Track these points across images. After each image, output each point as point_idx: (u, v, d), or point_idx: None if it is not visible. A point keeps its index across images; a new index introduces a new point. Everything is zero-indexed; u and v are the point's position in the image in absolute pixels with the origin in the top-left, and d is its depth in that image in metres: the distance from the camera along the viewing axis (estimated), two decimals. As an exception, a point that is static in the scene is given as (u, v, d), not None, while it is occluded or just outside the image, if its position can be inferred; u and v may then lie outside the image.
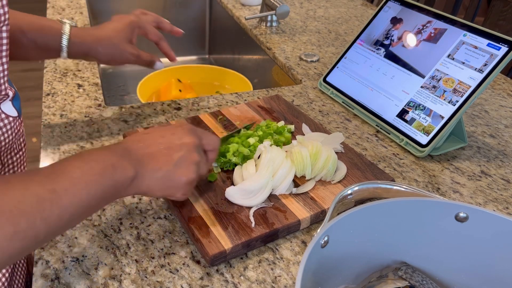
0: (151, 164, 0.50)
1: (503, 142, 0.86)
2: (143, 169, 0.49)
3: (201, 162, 0.54)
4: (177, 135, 0.53)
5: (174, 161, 0.51)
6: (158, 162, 0.50)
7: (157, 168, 0.50)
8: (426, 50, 0.84)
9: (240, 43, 1.40)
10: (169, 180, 0.51)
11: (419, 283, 0.48)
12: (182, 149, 0.52)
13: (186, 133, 0.54)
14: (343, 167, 0.69)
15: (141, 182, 0.49)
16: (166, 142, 0.52)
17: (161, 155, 0.51)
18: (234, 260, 0.56)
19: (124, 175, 0.47)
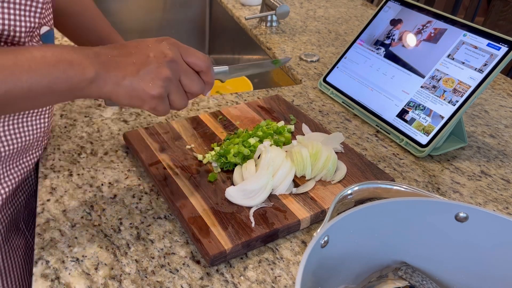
0: (116, 70, 0.50)
1: (503, 142, 0.86)
2: (106, 73, 0.49)
3: (173, 80, 0.52)
4: (152, 47, 0.52)
5: (139, 72, 0.50)
6: (124, 69, 0.50)
7: (121, 75, 0.50)
8: (426, 50, 0.84)
9: (240, 43, 1.40)
10: (133, 89, 0.50)
11: (419, 283, 0.48)
12: (151, 62, 0.51)
13: (163, 47, 0.53)
14: (343, 167, 0.69)
15: (102, 86, 0.49)
16: (138, 52, 0.51)
17: (128, 64, 0.50)
18: (234, 260, 0.56)
19: (81, 74, 0.47)
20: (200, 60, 0.55)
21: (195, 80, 0.55)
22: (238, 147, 0.68)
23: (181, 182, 0.64)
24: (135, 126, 0.80)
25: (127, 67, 0.50)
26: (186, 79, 0.54)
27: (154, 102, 0.51)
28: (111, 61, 0.50)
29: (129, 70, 0.50)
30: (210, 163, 0.69)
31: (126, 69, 0.50)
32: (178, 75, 0.53)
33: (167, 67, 0.51)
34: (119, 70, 0.50)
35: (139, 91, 0.50)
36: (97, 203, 0.63)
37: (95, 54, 0.49)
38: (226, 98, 0.92)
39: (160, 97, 0.51)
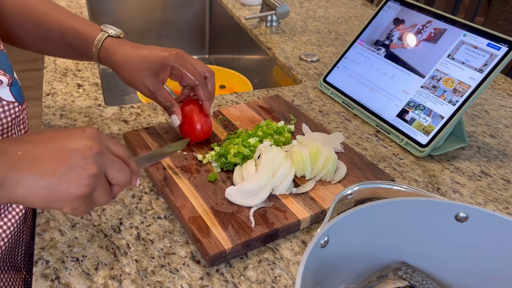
0: (31, 171, 0.41)
1: (503, 142, 0.86)
2: (18, 174, 0.41)
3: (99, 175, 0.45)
4: (73, 138, 0.45)
5: (61, 170, 0.42)
6: (42, 169, 0.42)
7: (38, 177, 0.41)
8: (426, 50, 0.84)
9: (240, 43, 1.40)
10: (54, 191, 0.42)
11: (419, 283, 0.48)
12: (74, 156, 0.43)
13: (85, 138, 0.45)
14: (343, 167, 0.69)
15: (13, 189, 0.41)
16: (56, 146, 0.44)
17: (46, 160, 0.42)
18: (234, 260, 0.56)
19: None
20: (123, 149, 0.49)
21: (123, 170, 0.47)
22: (238, 147, 0.68)
23: (181, 182, 0.64)
24: (135, 126, 0.80)
25: (45, 164, 0.42)
26: (113, 171, 0.46)
27: (78, 202, 0.44)
28: (23, 158, 0.42)
29: (48, 168, 0.42)
30: (210, 163, 0.69)
31: (44, 168, 0.42)
32: (105, 168, 0.46)
33: (93, 162, 0.44)
34: (35, 169, 0.41)
35: (61, 193, 0.42)
36: (97, 203, 0.63)
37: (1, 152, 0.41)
38: (226, 98, 0.92)
39: (86, 196, 0.44)
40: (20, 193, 0.41)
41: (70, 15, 0.69)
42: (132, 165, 0.49)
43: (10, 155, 0.41)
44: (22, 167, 0.41)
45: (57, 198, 0.43)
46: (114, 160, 0.46)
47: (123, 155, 0.48)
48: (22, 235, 0.62)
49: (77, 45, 0.69)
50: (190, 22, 1.60)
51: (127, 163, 0.49)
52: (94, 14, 1.44)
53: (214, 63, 1.64)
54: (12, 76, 0.57)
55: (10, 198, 0.41)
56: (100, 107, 0.85)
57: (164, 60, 0.67)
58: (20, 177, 0.41)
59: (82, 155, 0.43)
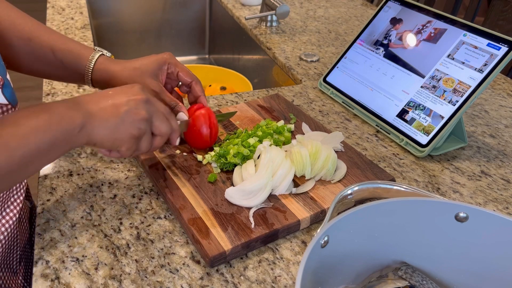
0: (100, 115, 0.52)
1: (503, 142, 0.86)
2: (92, 119, 0.52)
3: (148, 120, 0.55)
4: (125, 91, 0.55)
5: (121, 114, 0.53)
6: (106, 112, 0.53)
7: (105, 119, 0.52)
8: (426, 50, 0.84)
9: (240, 43, 1.40)
10: (116, 131, 0.53)
11: (419, 283, 0.48)
12: (129, 104, 0.54)
13: (136, 90, 0.56)
14: (343, 166, 0.69)
15: (91, 131, 0.52)
16: (115, 97, 0.54)
17: (109, 108, 0.53)
18: (234, 260, 0.56)
19: (71, 123, 0.50)
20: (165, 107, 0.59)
21: (165, 122, 0.58)
22: (238, 147, 0.68)
23: (180, 183, 0.64)
24: (135, 126, 0.80)
25: (108, 109, 0.53)
26: (157, 121, 0.57)
27: (132, 142, 0.55)
28: (92, 107, 0.52)
29: (111, 112, 0.53)
30: (210, 164, 0.69)
31: (107, 111, 0.53)
32: (151, 115, 0.56)
33: (143, 108, 0.55)
34: (102, 112, 0.53)
35: (122, 132, 0.54)
36: (97, 203, 0.63)
37: (76, 103, 0.52)
38: (226, 98, 0.92)
39: (138, 138, 0.55)
40: (95, 132, 0.52)
41: (62, 35, 0.70)
42: (172, 121, 0.60)
43: (83, 105, 0.52)
44: (92, 114, 0.52)
45: (119, 137, 0.54)
46: (158, 110, 0.57)
47: (164, 110, 0.58)
48: (17, 240, 0.62)
49: (69, 62, 0.68)
50: (190, 22, 1.60)
51: (168, 117, 0.59)
52: (94, 14, 1.44)
53: (214, 63, 1.64)
54: (5, 77, 0.57)
55: (89, 139, 0.52)
56: (100, 107, 0.85)
57: (160, 61, 0.69)
58: (93, 120, 0.52)
59: (135, 102, 0.54)
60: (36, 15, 0.67)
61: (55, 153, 0.51)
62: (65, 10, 1.30)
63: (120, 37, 1.52)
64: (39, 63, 0.68)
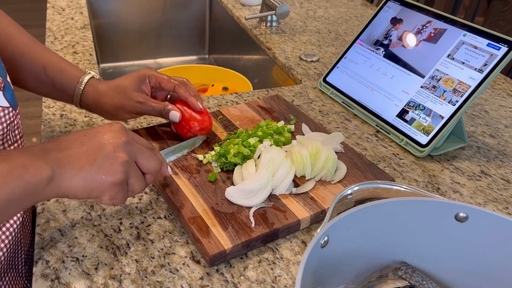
0: (71, 164, 0.47)
1: (503, 142, 0.86)
2: (62, 169, 0.46)
3: (130, 162, 0.50)
4: (102, 133, 0.50)
5: (96, 160, 0.48)
6: (79, 161, 0.47)
7: (78, 168, 0.47)
8: (426, 50, 0.84)
9: (240, 43, 1.40)
10: (92, 181, 0.47)
11: (419, 283, 0.48)
12: (106, 147, 0.49)
13: (113, 131, 0.51)
14: (343, 167, 0.69)
15: (60, 183, 0.46)
16: (89, 141, 0.49)
17: (82, 154, 0.48)
18: (234, 260, 0.56)
19: (37, 175, 0.44)
20: (147, 142, 0.55)
21: (152, 157, 0.53)
22: (238, 147, 0.68)
23: (181, 182, 0.64)
24: (135, 126, 0.80)
25: (81, 157, 0.47)
26: (143, 159, 0.52)
27: (115, 189, 0.49)
28: (62, 155, 0.47)
29: (84, 160, 0.47)
30: (210, 163, 0.69)
31: (80, 160, 0.47)
32: (135, 156, 0.51)
33: (123, 150, 0.49)
34: (74, 162, 0.47)
35: (98, 181, 0.48)
36: (97, 203, 0.63)
37: (43, 151, 0.46)
38: (226, 98, 0.92)
39: (121, 183, 0.49)
40: (65, 185, 0.46)
41: (55, 53, 0.70)
42: (159, 155, 0.55)
43: (52, 154, 0.46)
44: (63, 163, 0.46)
45: (96, 187, 0.48)
46: (142, 149, 0.52)
47: (148, 147, 0.54)
48: (21, 242, 0.62)
49: (59, 81, 0.68)
50: (190, 22, 1.60)
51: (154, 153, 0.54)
52: (94, 14, 1.44)
53: (214, 63, 1.64)
54: (5, 79, 0.56)
55: (58, 192, 0.47)
56: (100, 107, 0.85)
57: (141, 76, 0.69)
58: (64, 171, 0.46)
59: (113, 145, 0.49)
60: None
61: (14, 209, 0.45)
62: (65, 10, 1.30)
63: (120, 37, 1.52)
64: (30, 79, 0.68)
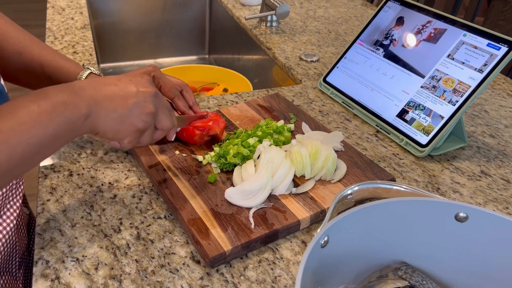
0: (106, 104, 0.50)
1: (503, 142, 0.86)
2: (98, 107, 0.49)
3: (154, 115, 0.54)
4: (134, 82, 0.53)
5: (129, 106, 0.51)
6: (113, 102, 0.50)
7: (112, 109, 0.50)
8: (426, 50, 0.84)
9: (240, 43, 1.40)
10: (122, 123, 0.51)
11: (419, 283, 0.48)
12: (138, 96, 0.52)
13: (143, 83, 0.54)
14: (343, 166, 0.69)
15: (96, 120, 0.49)
16: (123, 86, 0.52)
17: (117, 97, 0.51)
18: (234, 260, 0.56)
19: (77, 112, 0.47)
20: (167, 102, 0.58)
21: (169, 117, 0.57)
22: (238, 147, 0.68)
23: (180, 184, 0.64)
24: (135, 126, 0.80)
25: (115, 99, 0.51)
26: (162, 115, 0.56)
27: (136, 135, 0.53)
28: (98, 94, 0.50)
29: (118, 102, 0.51)
30: (210, 164, 0.69)
31: (114, 102, 0.50)
32: (157, 110, 0.55)
33: (151, 102, 0.53)
34: (109, 102, 0.50)
35: (127, 124, 0.52)
36: (97, 203, 0.63)
37: (80, 89, 0.49)
38: (226, 98, 0.92)
39: (143, 131, 0.54)
40: (100, 122, 0.50)
41: (53, 50, 0.70)
42: (173, 116, 0.59)
43: (89, 92, 0.49)
44: (99, 102, 0.49)
45: (123, 129, 0.52)
46: (165, 105, 0.56)
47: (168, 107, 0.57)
48: (16, 247, 0.62)
49: (56, 78, 0.68)
50: (190, 22, 1.60)
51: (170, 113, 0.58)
52: (94, 14, 1.44)
53: (214, 63, 1.64)
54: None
55: (93, 128, 0.50)
56: (100, 107, 0.85)
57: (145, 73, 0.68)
58: (99, 109, 0.49)
59: (143, 95, 0.53)
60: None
61: (58, 144, 0.48)
62: (65, 10, 1.30)
63: (120, 37, 1.52)
64: (29, 76, 0.68)
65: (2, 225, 0.58)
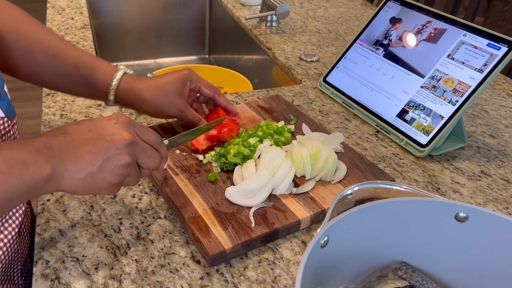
0: (73, 163, 0.46)
1: (503, 142, 0.86)
2: (63, 167, 0.46)
3: (132, 164, 0.50)
4: (107, 130, 0.49)
5: (98, 162, 0.47)
6: (82, 161, 0.47)
7: (79, 169, 0.47)
8: (426, 50, 0.84)
9: (240, 43, 1.40)
10: (92, 181, 0.48)
11: (419, 283, 0.48)
12: (110, 149, 0.48)
13: (118, 129, 0.50)
14: (343, 167, 0.69)
15: (60, 181, 0.46)
16: (93, 139, 0.48)
17: (85, 154, 0.47)
18: (234, 260, 0.56)
19: (37, 173, 0.44)
20: (154, 137, 0.54)
21: (153, 156, 0.53)
22: (238, 147, 0.68)
23: (181, 182, 0.64)
24: (135, 126, 0.80)
25: (84, 157, 0.47)
26: (144, 158, 0.52)
27: (113, 188, 0.50)
28: (65, 152, 0.46)
29: (87, 160, 0.47)
30: (210, 163, 0.69)
31: (83, 160, 0.47)
32: (137, 156, 0.51)
33: (127, 153, 0.49)
34: (76, 162, 0.47)
35: (98, 182, 0.48)
36: (97, 203, 0.63)
37: (46, 147, 0.45)
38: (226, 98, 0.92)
39: (120, 184, 0.50)
40: (65, 183, 0.47)
41: (86, 52, 0.70)
42: (162, 151, 0.55)
43: (55, 150, 0.46)
44: (66, 161, 0.46)
45: (96, 186, 0.48)
46: (145, 148, 0.52)
47: (154, 142, 0.53)
48: (18, 254, 0.61)
49: (92, 79, 0.67)
50: (190, 22, 1.60)
51: (157, 149, 0.54)
52: (94, 14, 1.44)
53: (214, 63, 1.64)
54: (2, 89, 0.55)
55: (58, 189, 0.47)
56: (100, 107, 0.85)
57: (183, 78, 0.71)
58: (65, 170, 0.46)
59: (117, 147, 0.48)
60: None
61: (10, 206, 0.45)
62: (65, 10, 1.30)
63: (120, 37, 1.52)
64: (63, 79, 0.68)
65: (3, 233, 0.58)
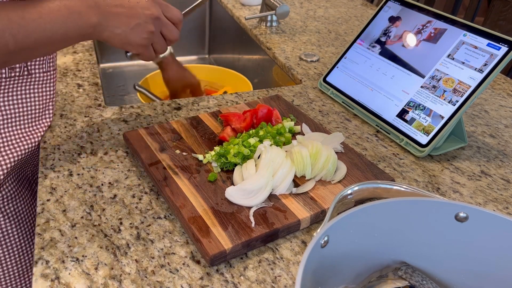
0: (112, 21, 0.61)
1: (503, 142, 0.86)
2: (105, 22, 0.61)
3: (155, 33, 0.66)
4: (140, 4, 0.64)
5: (131, 25, 0.63)
6: (119, 21, 0.62)
7: (116, 26, 0.62)
8: (426, 50, 0.84)
9: (240, 43, 1.40)
10: (125, 37, 0.63)
11: (419, 283, 0.48)
12: (141, 17, 0.63)
13: (149, 4, 0.65)
14: (343, 167, 0.69)
15: (102, 31, 0.61)
16: (130, 7, 0.63)
17: (122, 16, 0.62)
18: (234, 260, 0.56)
19: (88, 22, 0.59)
20: (176, 13, 0.69)
21: (173, 31, 0.69)
22: (238, 147, 0.68)
23: (181, 182, 0.64)
24: (135, 126, 0.80)
25: (121, 18, 0.62)
26: (166, 31, 0.68)
27: (141, 48, 0.66)
28: (109, 12, 0.61)
29: (123, 21, 0.62)
30: (210, 163, 0.69)
31: (120, 20, 0.62)
32: (160, 28, 0.67)
33: (152, 23, 0.65)
34: (115, 20, 0.61)
35: (129, 40, 0.64)
36: (97, 203, 0.63)
37: (96, 4, 0.60)
38: (226, 98, 0.92)
39: (145, 46, 0.66)
40: (106, 34, 0.62)
41: None
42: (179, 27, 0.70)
43: (101, 8, 0.60)
44: (108, 18, 0.61)
45: (127, 43, 0.64)
46: (167, 24, 0.68)
47: (174, 18, 0.69)
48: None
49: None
50: (190, 22, 1.60)
51: (177, 25, 0.70)
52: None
53: (214, 63, 1.64)
54: None
55: (100, 37, 0.62)
56: (100, 107, 0.85)
57: None
58: (106, 24, 0.61)
59: (146, 17, 0.64)
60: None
61: (66, 43, 0.60)
62: (65, 10, 1.30)
63: (120, 37, 1.52)
64: None
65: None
